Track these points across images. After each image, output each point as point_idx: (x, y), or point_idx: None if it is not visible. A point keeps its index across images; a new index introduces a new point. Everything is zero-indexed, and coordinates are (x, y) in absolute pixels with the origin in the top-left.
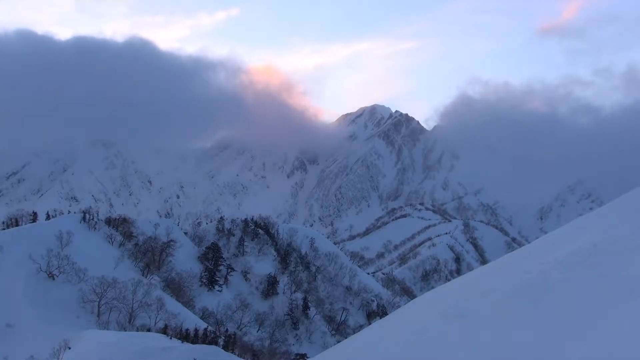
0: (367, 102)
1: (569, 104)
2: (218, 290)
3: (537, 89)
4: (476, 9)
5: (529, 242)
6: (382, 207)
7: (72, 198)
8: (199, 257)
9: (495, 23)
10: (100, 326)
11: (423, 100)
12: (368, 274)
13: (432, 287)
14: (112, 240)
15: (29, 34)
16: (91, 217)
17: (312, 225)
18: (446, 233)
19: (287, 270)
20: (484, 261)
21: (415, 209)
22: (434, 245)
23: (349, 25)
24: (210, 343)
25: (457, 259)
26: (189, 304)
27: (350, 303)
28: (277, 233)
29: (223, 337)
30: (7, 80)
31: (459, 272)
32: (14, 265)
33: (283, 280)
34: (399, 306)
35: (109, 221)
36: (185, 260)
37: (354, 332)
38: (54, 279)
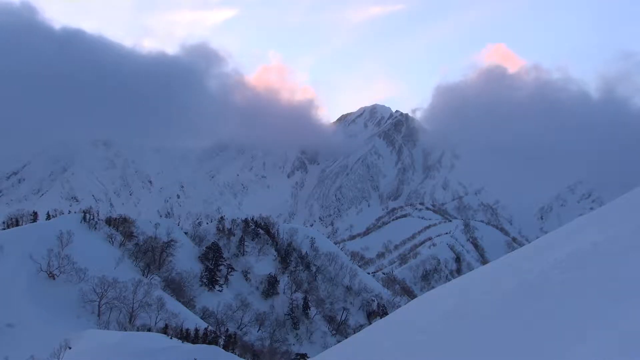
0: (367, 102)
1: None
2: (218, 290)
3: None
4: None
5: (529, 242)
6: (382, 206)
7: (72, 198)
8: (199, 257)
9: None
10: (100, 326)
11: None
12: (368, 273)
13: (433, 287)
14: (113, 240)
15: (45, 32)
16: (91, 217)
17: (312, 225)
18: (446, 233)
19: (287, 270)
20: (484, 261)
21: (416, 208)
22: (434, 245)
23: None
24: (210, 343)
25: (458, 259)
26: (189, 303)
27: (351, 303)
28: (278, 233)
29: (223, 337)
30: (8, 80)
31: (459, 272)
32: (14, 265)
33: (283, 280)
34: (399, 306)
35: (109, 221)
36: (185, 260)
37: (355, 332)
38: (54, 278)
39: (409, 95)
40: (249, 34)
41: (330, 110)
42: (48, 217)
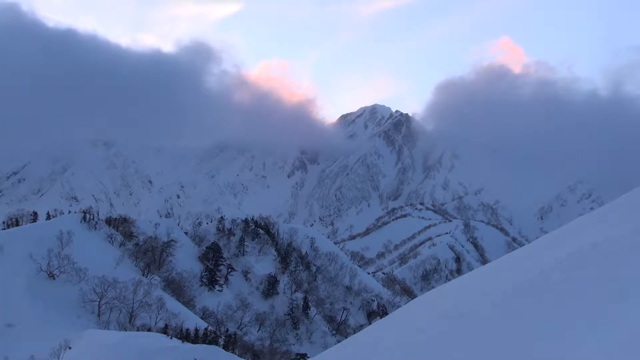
0: (367, 102)
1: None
2: (218, 290)
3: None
4: None
5: (529, 242)
6: (382, 206)
7: (72, 198)
8: (199, 257)
9: None
10: (100, 326)
11: None
12: (368, 273)
13: (433, 287)
14: (113, 240)
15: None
16: (91, 217)
17: (312, 225)
18: (446, 233)
19: (287, 270)
20: (484, 261)
21: (416, 208)
22: (434, 245)
23: None
24: (210, 343)
25: (458, 259)
26: (189, 303)
27: (351, 303)
28: (278, 233)
29: (223, 337)
30: (8, 80)
31: (459, 272)
32: (14, 265)
33: (283, 280)
34: (399, 306)
35: (109, 221)
36: (185, 260)
37: (355, 332)
38: (54, 278)
39: (411, 94)
40: (254, 29)
41: (331, 110)
42: (48, 217)
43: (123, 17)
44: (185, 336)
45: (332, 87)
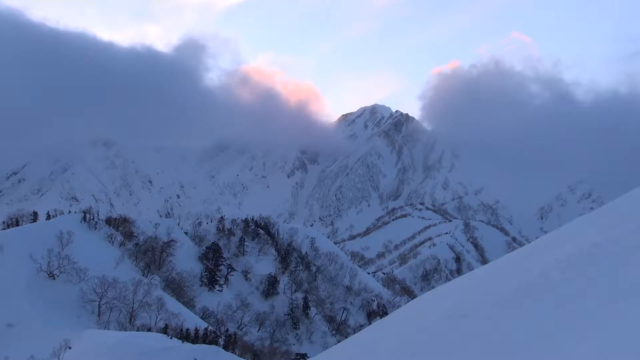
0: (367, 102)
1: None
2: (218, 290)
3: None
4: None
5: (529, 242)
6: (382, 206)
7: (72, 198)
8: (199, 256)
9: None
10: (100, 326)
11: None
12: (368, 273)
13: (433, 287)
14: (113, 240)
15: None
16: (91, 217)
17: (312, 225)
18: (446, 233)
19: (287, 270)
20: (484, 261)
21: (416, 208)
22: (434, 245)
23: None
24: (210, 343)
25: (458, 259)
26: (189, 303)
27: (351, 303)
28: (278, 233)
29: (223, 337)
30: (8, 80)
31: (459, 271)
32: (14, 265)
33: (283, 280)
34: (399, 306)
35: (109, 221)
36: (185, 260)
37: (355, 332)
38: (54, 278)
39: (412, 94)
40: (260, 20)
41: (331, 110)
42: (48, 217)
43: (126, 7)
44: (185, 336)
45: (333, 85)
